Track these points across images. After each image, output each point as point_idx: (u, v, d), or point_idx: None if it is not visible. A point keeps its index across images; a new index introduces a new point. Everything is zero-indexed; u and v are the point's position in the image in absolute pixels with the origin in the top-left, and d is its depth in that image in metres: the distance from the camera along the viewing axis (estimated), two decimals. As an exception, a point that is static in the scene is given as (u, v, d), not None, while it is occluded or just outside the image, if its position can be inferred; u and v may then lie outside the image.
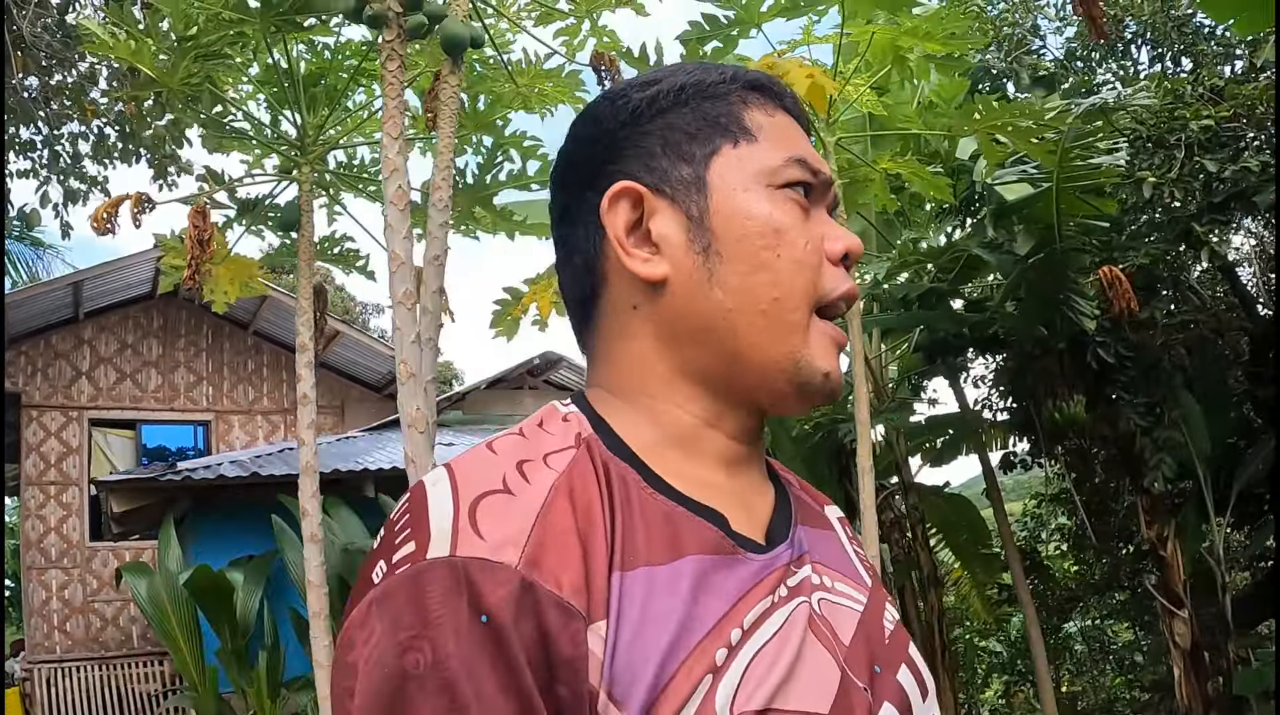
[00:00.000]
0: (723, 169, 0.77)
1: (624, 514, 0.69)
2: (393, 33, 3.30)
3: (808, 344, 0.76)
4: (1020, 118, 3.86)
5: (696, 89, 0.80)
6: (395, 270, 3.01)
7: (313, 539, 4.30)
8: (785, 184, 0.77)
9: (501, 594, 0.61)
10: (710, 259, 0.75)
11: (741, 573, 0.71)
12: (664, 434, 0.76)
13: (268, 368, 13.84)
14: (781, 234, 0.75)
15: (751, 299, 0.75)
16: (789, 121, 0.82)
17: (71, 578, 12.30)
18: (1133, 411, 6.36)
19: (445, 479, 0.69)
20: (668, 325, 0.77)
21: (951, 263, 6.07)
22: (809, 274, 0.76)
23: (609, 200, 0.77)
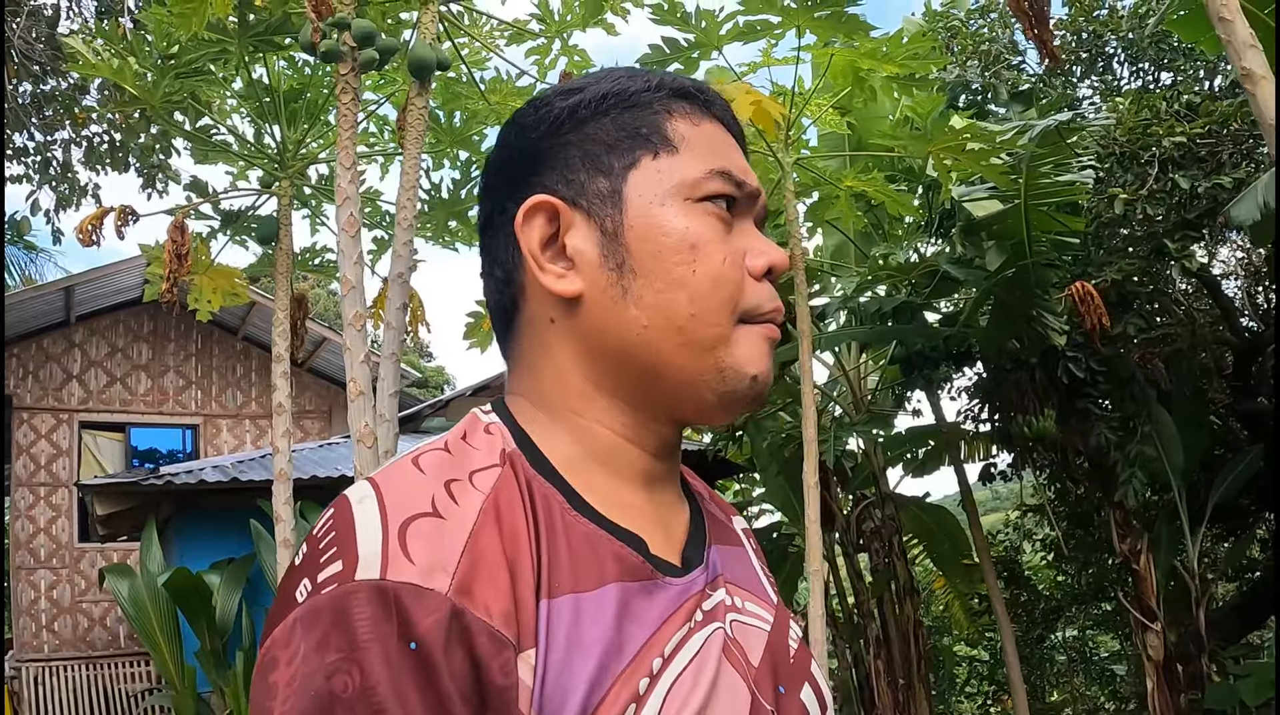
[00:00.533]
0: (640, 182, 0.75)
1: (549, 539, 0.68)
2: (346, 67, 3.38)
3: (731, 353, 0.74)
4: (973, 141, 3.93)
5: (619, 98, 0.78)
6: (346, 294, 3.10)
7: (285, 544, 4.39)
8: (706, 197, 0.75)
9: (432, 621, 0.60)
10: (625, 275, 0.74)
11: (661, 599, 0.71)
12: (584, 450, 0.76)
13: (256, 373, 13.92)
14: (698, 249, 0.74)
15: (667, 316, 0.73)
16: (716, 130, 0.80)
17: (60, 578, 12.38)
18: (1105, 426, 6.42)
19: (372, 496, 0.67)
20: (584, 341, 0.76)
21: (926, 277, 6.14)
22: (728, 289, 0.74)
23: (523, 214, 0.76)
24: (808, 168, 4.39)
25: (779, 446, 6.90)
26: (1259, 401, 7.77)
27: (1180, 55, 7.68)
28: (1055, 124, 4.75)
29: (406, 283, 3.42)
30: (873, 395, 7.64)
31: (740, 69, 4.17)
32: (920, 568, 9.83)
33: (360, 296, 3.13)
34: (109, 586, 8.00)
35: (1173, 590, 7.34)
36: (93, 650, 11.92)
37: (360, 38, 3.39)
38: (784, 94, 4.12)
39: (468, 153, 4.83)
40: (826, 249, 7.07)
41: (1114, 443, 6.47)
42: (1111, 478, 6.66)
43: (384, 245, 5.22)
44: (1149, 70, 8.18)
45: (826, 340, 6.47)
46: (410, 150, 3.62)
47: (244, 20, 4.15)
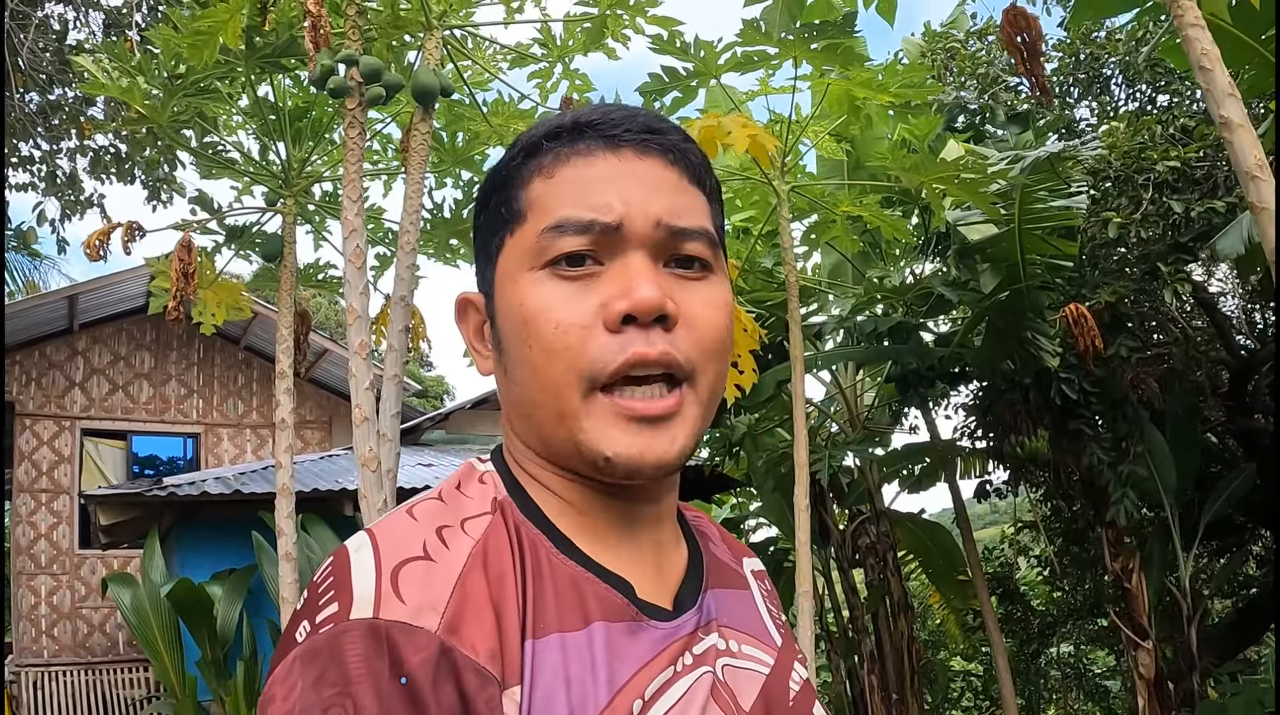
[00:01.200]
0: (504, 263, 0.77)
1: (535, 581, 0.70)
2: (354, 102, 3.45)
3: (583, 429, 0.73)
4: (965, 171, 4.00)
5: (494, 179, 0.81)
6: (353, 323, 3.16)
7: (287, 557, 4.45)
8: (550, 261, 0.74)
9: (421, 657, 0.63)
10: (503, 355, 0.78)
11: (645, 641, 0.72)
12: (559, 499, 0.77)
13: (257, 383, 14.00)
14: (529, 323, 0.73)
15: (525, 391, 0.76)
16: (581, 169, 0.76)
17: (60, 584, 12.43)
18: (1097, 446, 6.48)
19: (368, 544, 0.70)
20: (504, 410, 0.81)
21: (922, 297, 6.20)
22: (566, 358, 0.72)
23: (456, 311, 0.84)
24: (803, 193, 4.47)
25: (775, 463, 6.96)
26: (1255, 419, 7.83)
27: (1176, 78, 7.73)
28: (1047, 154, 4.82)
29: (409, 305, 3.50)
30: (869, 412, 7.69)
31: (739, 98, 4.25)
32: (915, 583, 9.88)
33: (366, 325, 3.21)
34: (111, 594, 8.05)
35: (1166, 608, 7.39)
36: (92, 656, 11.97)
37: (368, 74, 3.46)
38: (781, 122, 4.20)
39: (470, 173, 4.90)
40: (824, 268, 7.14)
41: (1106, 463, 6.53)
42: (1104, 497, 6.72)
43: (386, 262, 5.29)
44: (1145, 93, 8.24)
45: (823, 359, 6.53)
46: (414, 174, 3.69)
47: (251, 43, 4.22)
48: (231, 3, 3.52)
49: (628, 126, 0.77)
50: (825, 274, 7.13)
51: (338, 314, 21.65)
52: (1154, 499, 6.98)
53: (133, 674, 11.23)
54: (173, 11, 4.38)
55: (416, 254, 3.53)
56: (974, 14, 8.61)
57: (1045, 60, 8.61)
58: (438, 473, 9.25)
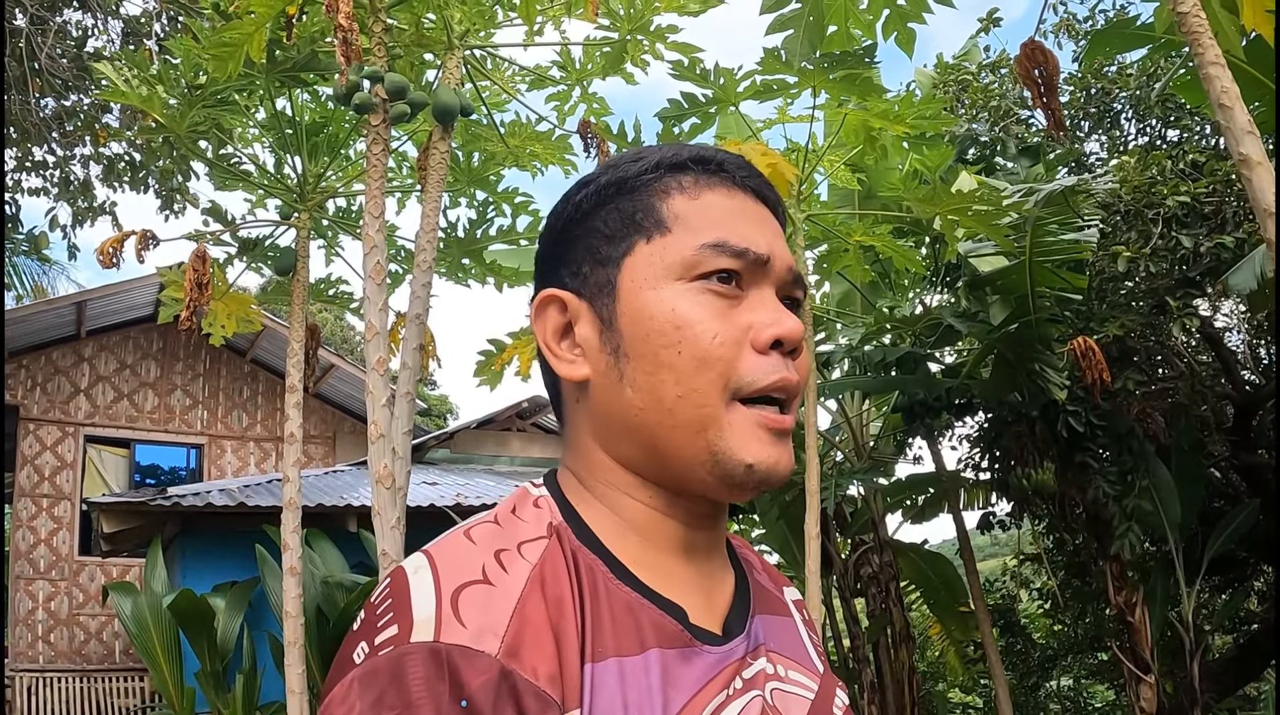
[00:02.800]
0: (634, 268, 0.78)
1: (593, 606, 0.71)
2: (378, 118, 3.47)
3: (723, 437, 0.74)
4: (979, 203, 4.02)
5: (618, 186, 0.81)
6: (371, 339, 3.18)
7: (292, 572, 4.44)
8: (700, 275, 0.76)
9: (482, 681, 0.63)
10: (620, 360, 0.76)
11: (699, 666, 0.73)
12: (623, 522, 0.78)
13: (262, 396, 14.01)
14: (683, 331, 0.75)
15: (656, 398, 0.75)
16: (722, 198, 0.80)
17: (58, 590, 12.41)
18: (1103, 479, 6.48)
19: (427, 567, 0.70)
20: (598, 420, 0.79)
21: (930, 328, 6.21)
22: (719, 368, 0.74)
23: (535, 308, 0.81)
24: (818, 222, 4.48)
25: (780, 492, 6.95)
26: (1258, 454, 7.83)
27: (1186, 113, 7.77)
28: (1061, 188, 4.84)
29: (424, 324, 3.51)
30: (874, 442, 7.69)
31: (756, 125, 4.27)
32: (916, 614, 9.85)
33: (384, 341, 3.21)
34: (112, 602, 8.04)
35: (1168, 642, 7.37)
36: (87, 664, 11.93)
37: (393, 91, 3.48)
38: (798, 150, 4.22)
39: (485, 193, 4.92)
40: (833, 297, 7.16)
41: (1111, 496, 6.52)
42: (1108, 530, 6.71)
43: (398, 279, 5.31)
44: (1156, 128, 8.28)
45: (831, 387, 6.54)
46: (431, 193, 3.71)
47: (271, 56, 4.24)
48: (258, 15, 3.54)
49: (749, 173, 0.83)
50: (834, 303, 7.15)
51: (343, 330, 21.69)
52: (1158, 533, 6.97)
53: (128, 683, 11.18)
54: (194, 23, 4.42)
55: (432, 273, 3.54)
56: (987, 46, 8.66)
57: (1059, 93, 8.68)
58: (442, 492, 9.25)
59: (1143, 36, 5.19)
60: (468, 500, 8.90)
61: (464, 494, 9.20)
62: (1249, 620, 9.52)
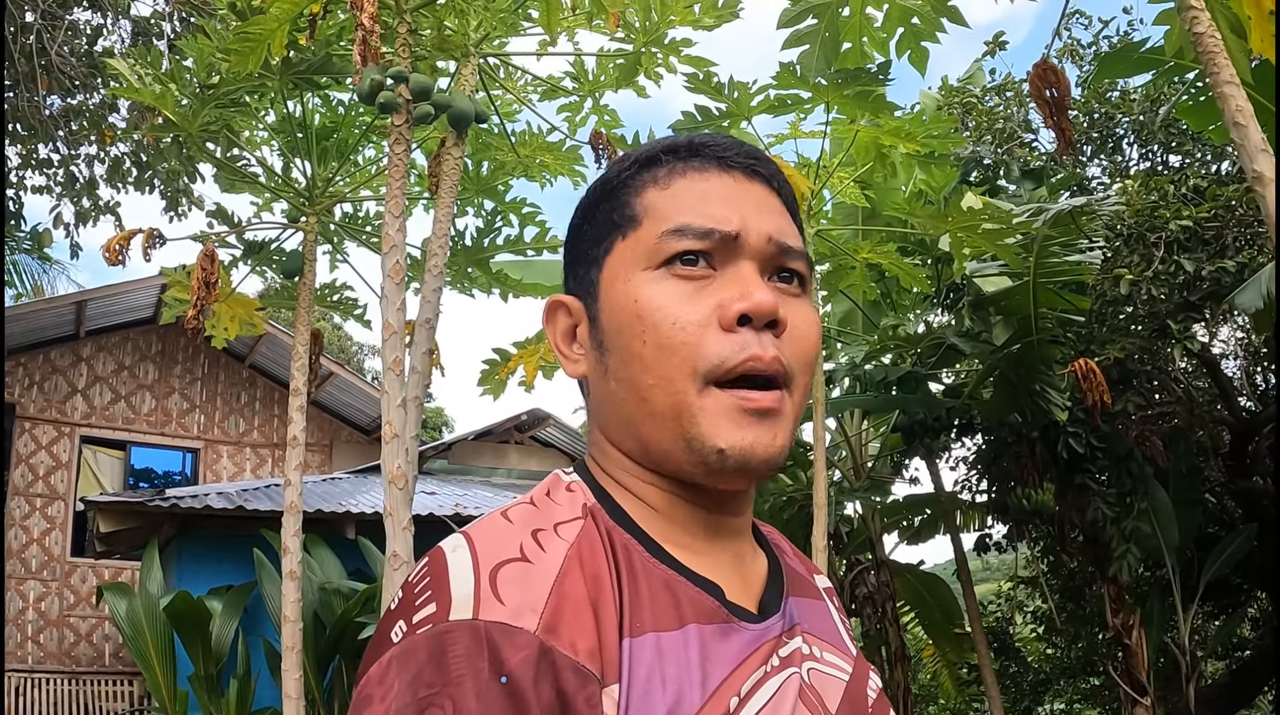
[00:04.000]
0: (613, 264, 0.80)
1: (630, 582, 0.71)
2: (401, 118, 3.48)
3: (696, 423, 0.74)
4: (989, 221, 4.04)
5: (601, 189, 0.84)
6: (388, 338, 3.19)
7: (291, 576, 4.43)
8: (665, 260, 0.76)
9: (522, 657, 0.63)
10: (604, 355, 0.79)
11: (737, 642, 0.73)
12: (646, 506, 0.79)
13: (260, 402, 13.98)
14: (644, 318, 0.75)
15: (632, 388, 0.76)
16: (695, 181, 0.80)
17: (50, 590, 12.35)
18: (1102, 501, 6.50)
19: (465, 546, 0.71)
20: (597, 415, 0.83)
21: (932, 348, 6.23)
22: (683, 352, 0.74)
23: (544, 313, 0.85)
24: (826, 238, 4.50)
25: (780, 508, 6.95)
26: (1254, 480, 7.86)
27: (1189, 139, 7.82)
28: (1069, 208, 4.87)
29: (433, 329, 3.52)
30: (873, 462, 7.70)
31: (768, 139, 4.29)
32: (910, 635, 9.84)
33: (400, 342, 3.22)
34: (107, 603, 8.00)
35: (1162, 666, 7.38)
36: (77, 665, 11.86)
37: (417, 92, 3.50)
38: (808, 166, 4.24)
39: (493, 202, 4.93)
40: (834, 316, 7.18)
41: (1110, 518, 6.54)
42: (1106, 552, 6.73)
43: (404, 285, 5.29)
44: (1158, 153, 8.33)
45: (832, 405, 6.55)
46: (444, 199, 3.72)
47: (286, 58, 4.25)
48: (284, 11, 3.56)
49: (737, 152, 0.82)
50: (835, 321, 7.17)
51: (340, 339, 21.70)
52: (1155, 556, 6.99)
53: (118, 686, 11.13)
54: (207, 23, 4.44)
55: (443, 278, 3.56)
56: (992, 69, 8.72)
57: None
58: (440, 501, 9.24)
59: (1151, 60, 5.23)
60: (466, 510, 8.89)
61: (462, 504, 9.19)
62: (1242, 646, 9.54)
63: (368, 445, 14.05)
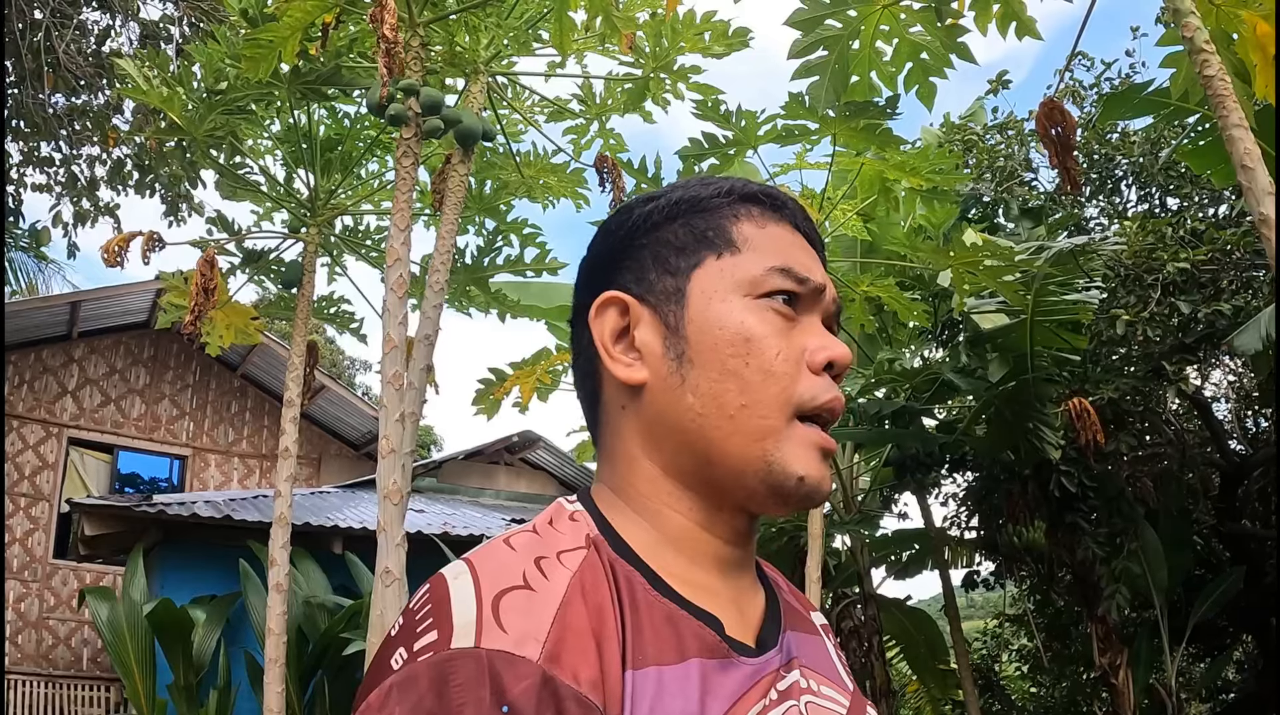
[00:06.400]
0: (704, 280, 0.80)
1: (632, 614, 0.71)
2: (410, 131, 3.48)
3: (780, 447, 0.77)
4: (991, 257, 4.05)
5: (690, 204, 0.84)
6: (388, 352, 3.17)
7: (278, 588, 4.39)
8: (766, 293, 0.80)
9: (524, 686, 0.62)
10: (683, 366, 0.78)
11: (737, 676, 0.73)
12: (660, 534, 0.79)
13: (250, 412, 13.92)
14: (751, 343, 0.78)
15: (719, 405, 0.77)
16: (784, 232, 0.84)
17: (29, 591, 12.23)
18: (1092, 541, 6.49)
19: (467, 573, 0.70)
20: (648, 427, 0.80)
21: (927, 383, 6.24)
22: (781, 382, 0.77)
23: (596, 308, 0.83)
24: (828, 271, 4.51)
25: (769, 539, 6.93)
26: (1243, 524, 7.87)
27: (1187, 182, 7.87)
28: (1070, 246, 4.89)
29: (433, 345, 3.51)
30: (864, 495, 7.69)
31: (773, 169, 4.31)
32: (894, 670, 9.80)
33: (401, 356, 3.21)
34: (89, 607, 7.93)
35: (1148, 707, 7.35)
36: (54, 669, 11.74)
37: (428, 106, 3.50)
38: (813, 197, 4.25)
39: (494, 221, 4.93)
40: (832, 349, 7.17)
41: (1100, 557, 6.53)
42: (1095, 592, 6.71)
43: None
44: (1156, 195, 8.38)
45: (826, 438, 6.52)
46: (448, 215, 3.72)
47: (295, 68, 4.25)
48: (296, 18, 3.56)
49: (803, 216, 0.89)
50: (832, 354, 7.16)
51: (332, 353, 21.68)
52: (1144, 597, 6.98)
53: (94, 692, 11.01)
54: (217, 28, 4.44)
55: (444, 294, 3.55)
56: (995, 108, 8.80)
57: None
58: (429, 520, 9.19)
59: (1155, 103, 5.26)
60: (454, 529, 8.85)
61: (450, 524, 9.15)
62: (1227, 689, 9.53)
63: (356, 460, 14.01)
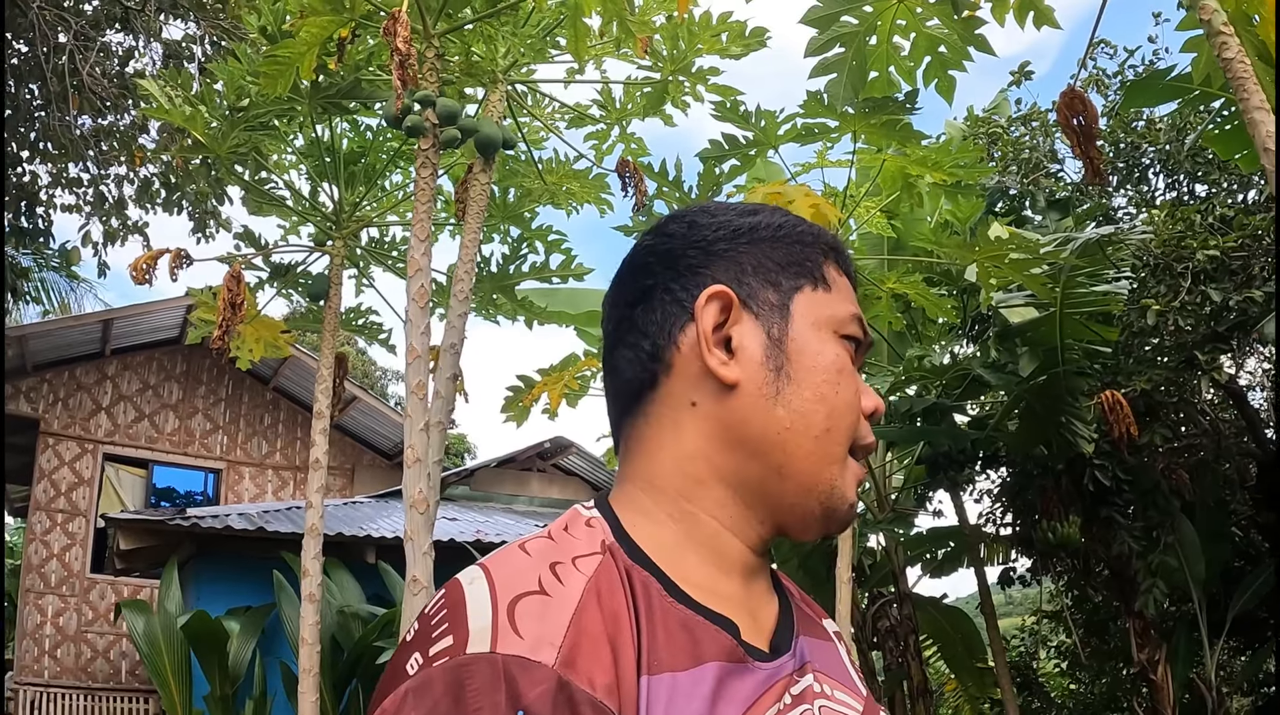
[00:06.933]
0: (804, 304, 0.84)
1: (647, 620, 0.72)
2: (428, 142, 3.50)
3: (843, 475, 0.82)
4: (1016, 251, 4.02)
5: (789, 231, 0.88)
6: (411, 362, 3.19)
7: (310, 599, 4.42)
8: (846, 335, 0.85)
9: (539, 691, 0.63)
10: (780, 378, 0.81)
11: (751, 681, 0.74)
12: (686, 535, 0.80)
13: (283, 424, 14.07)
14: (841, 376, 0.83)
15: (807, 423, 0.80)
16: (848, 284, 0.90)
17: (68, 606, 12.40)
18: (1128, 535, 6.41)
19: (482, 578, 0.71)
20: (725, 428, 0.81)
21: (957, 379, 6.19)
22: (854, 416, 0.83)
23: (706, 298, 0.82)
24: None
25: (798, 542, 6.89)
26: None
27: (1215, 168, 7.77)
28: (1097, 237, 4.83)
29: (458, 354, 3.52)
30: (897, 494, 7.63)
31: (795, 168, 4.30)
32: (931, 669, 9.72)
33: (424, 366, 3.22)
34: (125, 620, 8.02)
35: (1188, 702, 7.25)
36: (93, 682, 11.90)
37: (444, 116, 3.51)
38: (835, 196, 4.24)
39: (519, 229, 4.93)
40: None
41: (1136, 552, 6.44)
42: (1132, 586, 6.63)
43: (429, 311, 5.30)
44: (1184, 182, 8.27)
45: (857, 437, 6.47)
46: (471, 225, 3.73)
47: (315, 82, 4.28)
48: (312, 34, 3.58)
49: (857, 281, 0.96)
50: (862, 353, 7.11)
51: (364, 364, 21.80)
52: (1182, 590, 6.88)
53: (132, 704, 11.14)
54: (239, 47, 4.48)
55: (469, 303, 3.56)
56: (1018, 100, 8.71)
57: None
58: (462, 528, 9.24)
59: (1177, 88, 5.19)
60: (487, 537, 8.88)
61: (484, 531, 9.19)
62: (1268, 681, 9.38)
63: (389, 470, 14.10)
